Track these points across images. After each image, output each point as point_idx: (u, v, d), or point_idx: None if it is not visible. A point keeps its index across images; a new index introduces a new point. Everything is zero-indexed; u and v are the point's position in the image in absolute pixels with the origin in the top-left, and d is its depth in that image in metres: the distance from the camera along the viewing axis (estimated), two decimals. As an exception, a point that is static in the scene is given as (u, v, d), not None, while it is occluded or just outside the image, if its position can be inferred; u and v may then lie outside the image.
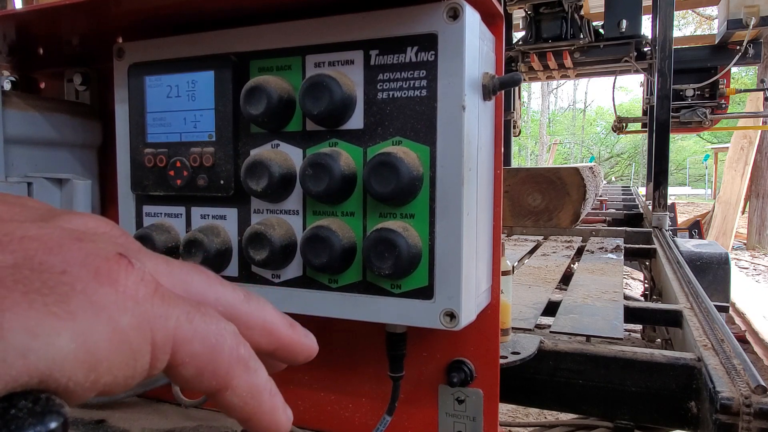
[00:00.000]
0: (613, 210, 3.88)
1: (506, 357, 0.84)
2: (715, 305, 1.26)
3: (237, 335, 0.27)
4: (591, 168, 3.22)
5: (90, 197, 0.72)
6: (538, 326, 1.15)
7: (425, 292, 0.51)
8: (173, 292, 0.25)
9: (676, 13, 3.01)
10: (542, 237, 2.63)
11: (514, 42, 4.07)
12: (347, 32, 0.53)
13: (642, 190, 5.69)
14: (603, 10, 3.71)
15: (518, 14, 4.59)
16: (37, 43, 0.74)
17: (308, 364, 0.75)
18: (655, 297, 2.17)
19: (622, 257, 2.06)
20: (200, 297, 0.27)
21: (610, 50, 3.73)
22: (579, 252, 2.23)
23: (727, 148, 8.09)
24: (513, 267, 1.17)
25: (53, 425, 0.17)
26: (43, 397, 0.18)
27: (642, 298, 3.42)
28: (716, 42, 3.81)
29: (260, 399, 0.28)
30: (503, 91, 0.56)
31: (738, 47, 3.62)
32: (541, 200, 2.63)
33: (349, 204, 0.54)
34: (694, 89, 3.79)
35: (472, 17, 0.50)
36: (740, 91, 4.45)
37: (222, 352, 0.26)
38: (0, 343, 0.18)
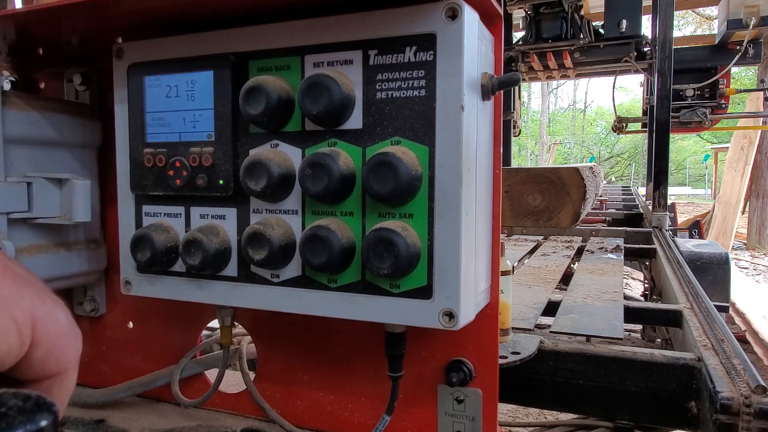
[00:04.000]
0: (613, 210, 3.88)
1: (506, 357, 0.84)
2: (715, 305, 1.26)
3: (77, 327, 0.28)
4: (591, 168, 3.22)
5: (89, 197, 0.72)
6: (538, 326, 1.15)
7: (424, 292, 0.51)
8: (19, 274, 0.26)
9: (676, 13, 3.01)
10: (542, 237, 2.63)
11: (514, 42, 4.07)
12: (346, 32, 0.53)
13: (642, 190, 5.69)
14: (603, 10, 3.71)
15: (518, 14, 4.59)
16: (37, 43, 0.74)
17: (308, 364, 0.75)
18: (655, 297, 2.17)
19: (622, 257, 2.06)
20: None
21: (610, 50, 3.72)
22: (579, 252, 2.23)
23: (727, 148, 8.09)
24: (513, 267, 1.17)
25: (43, 423, 0.17)
26: (33, 396, 0.18)
27: (642, 298, 3.41)
28: (716, 42, 3.81)
29: (67, 397, 0.29)
30: (502, 91, 0.56)
31: (738, 47, 3.61)
32: (541, 200, 2.63)
33: (348, 204, 0.54)
34: (694, 89, 3.79)
35: (470, 17, 0.50)
36: (740, 91, 4.45)
37: (69, 338, 0.27)
38: None
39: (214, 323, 0.78)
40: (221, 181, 0.59)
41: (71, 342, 0.27)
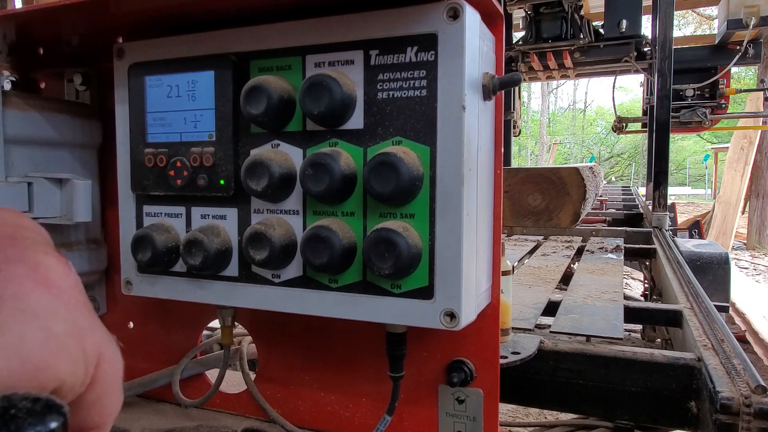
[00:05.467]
0: (613, 210, 3.89)
1: (506, 357, 0.84)
2: (715, 305, 1.26)
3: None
4: (591, 168, 3.22)
5: (90, 197, 0.72)
6: (538, 326, 1.15)
7: (425, 292, 0.51)
8: (91, 306, 0.24)
9: (676, 13, 3.01)
10: (542, 237, 2.63)
11: (514, 42, 4.07)
12: (347, 32, 0.53)
13: (642, 190, 5.69)
14: (603, 10, 3.71)
15: (518, 14, 4.59)
16: (38, 43, 0.74)
17: (308, 365, 0.75)
18: (655, 297, 2.17)
19: (622, 257, 2.06)
20: None
21: (610, 50, 3.73)
22: (579, 252, 2.23)
23: (727, 148, 8.09)
24: (513, 267, 1.17)
25: (53, 425, 0.17)
26: (43, 397, 0.18)
27: (642, 298, 3.41)
28: (716, 42, 3.81)
29: None
30: (503, 91, 0.56)
31: (738, 47, 3.62)
32: (541, 200, 2.63)
33: (349, 204, 0.54)
34: (694, 89, 3.79)
35: (472, 17, 0.50)
36: (740, 91, 4.45)
37: (119, 387, 0.24)
38: None
39: (215, 323, 0.78)
40: (222, 181, 0.59)
41: (119, 392, 0.25)
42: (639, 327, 3.11)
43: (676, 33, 6.27)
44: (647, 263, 2.49)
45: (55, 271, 0.22)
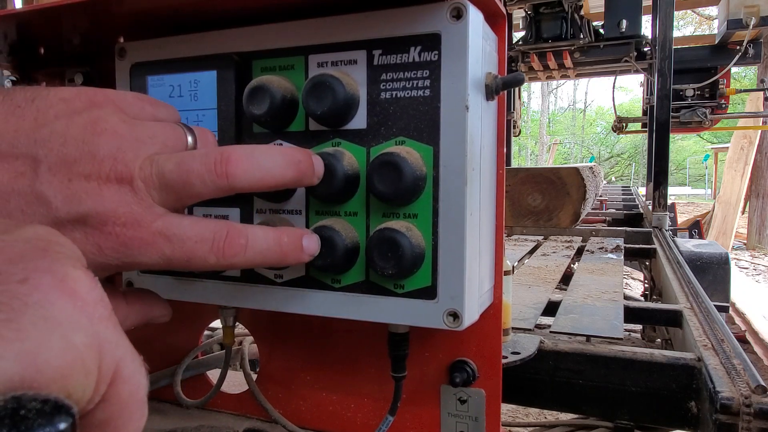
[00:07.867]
0: (613, 210, 3.89)
1: (506, 357, 0.84)
2: (715, 305, 1.26)
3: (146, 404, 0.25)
4: (591, 168, 3.22)
5: (91, 197, 0.72)
6: (538, 326, 1.15)
7: (428, 292, 0.51)
8: (117, 320, 0.24)
9: (676, 13, 3.01)
10: (542, 237, 2.63)
11: (514, 42, 4.07)
12: (350, 32, 0.53)
13: (642, 190, 5.69)
14: (603, 10, 3.71)
15: (518, 14, 4.59)
16: (38, 42, 0.74)
17: (310, 365, 0.75)
18: (655, 297, 2.17)
19: (622, 257, 2.06)
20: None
21: (610, 50, 3.73)
22: (579, 252, 2.23)
23: (727, 148, 8.10)
24: (513, 267, 1.17)
25: (62, 426, 0.17)
26: (51, 398, 0.18)
27: (642, 298, 3.42)
28: (716, 42, 3.82)
29: None
30: (505, 91, 0.56)
31: (738, 47, 3.62)
32: (541, 200, 2.64)
33: (352, 204, 0.54)
34: (694, 89, 3.79)
35: (475, 17, 0.50)
36: (740, 91, 4.46)
37: (138, 410, 0.24)
38: None
39: (216, 323, 0.78)
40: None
41: (136, 416, 0.23)
42: (639, 327, 3.11)
43: (676, 33, 6.27)
44: (647, 263, 2.49)
45: (81, 284, 0.22)
